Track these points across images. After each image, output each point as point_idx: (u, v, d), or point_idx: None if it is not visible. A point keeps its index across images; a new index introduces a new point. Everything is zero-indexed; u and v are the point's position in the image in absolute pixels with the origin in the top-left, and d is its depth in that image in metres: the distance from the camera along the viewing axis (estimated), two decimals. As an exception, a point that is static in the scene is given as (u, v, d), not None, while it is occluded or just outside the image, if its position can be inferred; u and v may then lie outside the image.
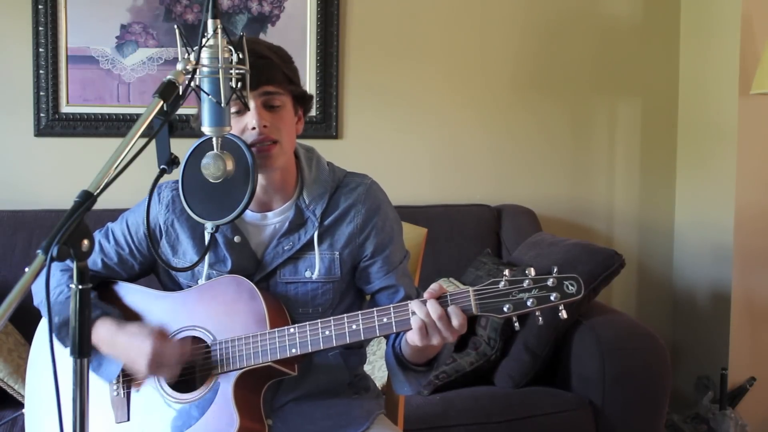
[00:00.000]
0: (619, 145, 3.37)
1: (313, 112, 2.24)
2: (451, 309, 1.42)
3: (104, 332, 1.56)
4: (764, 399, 3.12)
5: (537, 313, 1.42)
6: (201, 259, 1.51)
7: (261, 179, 1.55)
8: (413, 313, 1.44)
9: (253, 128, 1.51)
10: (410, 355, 1.53)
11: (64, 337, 1.57)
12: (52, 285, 1.63)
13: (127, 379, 1.63)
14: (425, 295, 1.45)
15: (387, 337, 1.60)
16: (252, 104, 1.52)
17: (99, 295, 1.67)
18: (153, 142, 1.22)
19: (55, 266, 1.64)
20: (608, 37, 3.33)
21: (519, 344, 2.51)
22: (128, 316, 1.64)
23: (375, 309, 1.48)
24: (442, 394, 2.43)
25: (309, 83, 3.00)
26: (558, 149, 3.30)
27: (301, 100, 1.63)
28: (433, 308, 1.42)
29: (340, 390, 1.68)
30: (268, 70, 1.53)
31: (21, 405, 2.02)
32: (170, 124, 1.25)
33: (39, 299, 1.68)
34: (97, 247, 1.66)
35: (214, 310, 1.57)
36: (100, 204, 1.14)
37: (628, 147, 3.38)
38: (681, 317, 3.38)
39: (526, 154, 3.28)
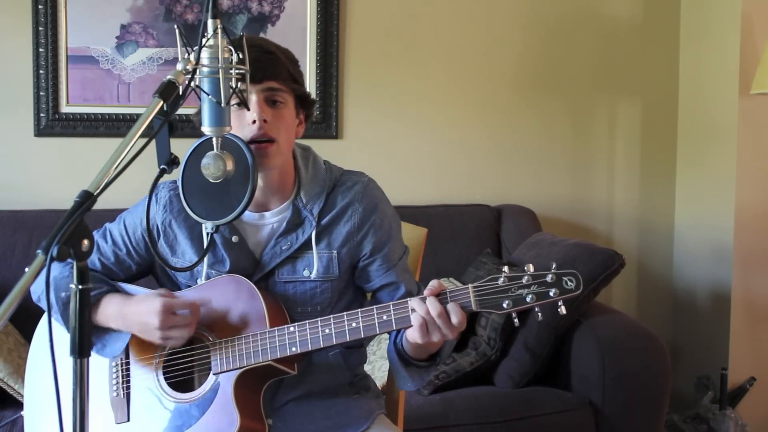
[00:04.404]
0: (619, 145, 3.37)
1: (314, 114, 2.24)
2: (450, 306, 1.42)
3: (112, 306, 1.57)
4: (764, 399, 3.12)
5: (536, 309, 1.42)
6: (201, 259, 1.51)
7: (259, 180, 1.55)
8: (413, 310, 1.44)
9: (254, 122, 1.51)
10: (412, 351, 1.53)
11: (68, 317, 1.57)
12: (54, 272, 1.63)
13: (127, 377, 1.63)
14: (425, 292, 1.45)
15: (389, 333, 1.60)
16: (254, 98, 1.52)
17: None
18: (153, 142, 1.22)
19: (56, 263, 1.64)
20: (609, 38, 3.33)
21: (519, 344, 2.51)
22: None
23: (375, 306, 1.48)
24: (442, 394, 2.43)
25: (309, 83, 3.00)
26: (558, 149, 3.31)
27: (304, 101, 1.64)
28: (433, 305, 1.42)
29: (341, 390, 1.68)
30: (272, 65, 1.53)
31: (21, 405, 2.02)
32: (170, 124, 1.24)
33: (38, 295, 1.68)
34: (94, 247, 1.65)
35: (213, 309, 1.57)
36: (100, 204, 1.14)
37: (628, 147, 3.38)
38: (681, 317, 3.38)
39: (526, 154, 3.28)
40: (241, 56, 1.28)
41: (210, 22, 1.26)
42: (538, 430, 2.42)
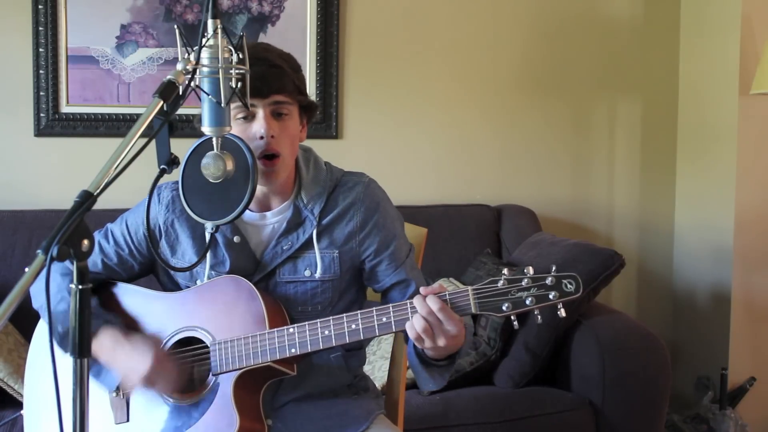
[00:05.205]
0: (619, 145, 3.37)
1: (315, 117, 2.25)
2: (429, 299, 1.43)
3: (106, 342, 1.56)
4: (764, 399, 3.12)
5: (536, 312, 1.42)
6: (201, 259, 1.51)
7: (260, 184, 1.56)
8: (413, 309, 1.44)
9: (261, 137, 1.52)
10: (431, 352, 1.53)
11: (66, 347, 1.57)
12: (52, 290, 1.63)
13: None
14: (422, 291, 1.45)
15: (406, 337, 1.59)
16: (260, 112, 1.52)
17: (99, 297, 1.67)
18: (153, 142, 1.22)
19: (55, 269, 1.64)
20: (609, 38, 3.33)
21: (519, 344, 2.51)
22: (128, 317, 1.64)
23: (374, 308, 1.48)
24: (442, 394, 2.42)
25: (309, 83, 3.00)
26: (558, 149, 3.30)
27: (308, 109, 1.64)
28: (432, 301, 1.42)
29: (340, 390, 1.68)
30: (279, 79, 1.54)
31: (21, 405, 2.02)
32: (170, 124, 1.24)
33: (39, 303, 1.68)
34: (96, 247, 1.66)
35: (213, 310, 1.57)
36: (100, 204, 1.14)
37: (628, 147, 3.38)
38: (681, 317, 3.38)
39: (526, 154, 3.28)
40: (241, 56, 1.28)
41: (210, 22, 1.26)
42: (538, 430, 2.42)
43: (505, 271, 1.43)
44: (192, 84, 1.24)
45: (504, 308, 1.42)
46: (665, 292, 3.44)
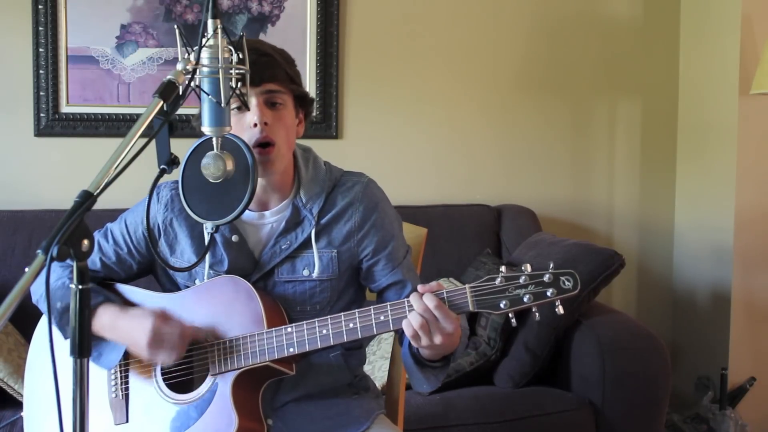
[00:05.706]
0: (619, 145, 3.37)
1: (313, 112, 2.25)
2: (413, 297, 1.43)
3: (107, 317, 1.57)
4: (764, 399, 3.12)
5: (534, 309, 1.42)
6: (201, 260, 1.51)
7: (259, 178, 1.55)
8: (411, 308, 1.44)
9: (255, 125, 1.52)
10: (426, 353, 1.53)
11: (65, 325, 1.57)
12: (52, 278, 1.63)
13: (126, 379, 1.63)
14: (420, 289, 1.45)
15: (401, 339, 1.59)
16: (254, 101, 1.52)
17: None
18: (153, 142, 1.22)
19: (55, 263, 1.64)
20: (609, 38, 3.33)
21: (519, 344, 2.51)
22: None
23: (372, 307, 1.48)
24: (442, 394, 2.43)
25: (309, 83, 3.00)
26: (558, 149, 3.30)
27: (303, 101, 1.64)
28: (430, 299, 1.42)
29: (340, 390, 1.68)
30: (270, 67, 1.54)
31: (21, 405, 2.02)
32: (170, 124, 1.24)
33: (38, 296, 1.68)
34: (95, 246, 1.66)
35: (211, 310, 1.57)
36: (100, 204, 1.14)
37: (628, 147, 3.38)
38: (681, 317, 3.38)
39: (527, 154, 3.28)
40: (241, 56, 1.28)
41: (210, 22, 1.26)
42: (538, 430, 2.42)
43: (503, 268, 1.43)
44: (192, 84, 1.24)
45: (502, 306, 1.41)
46: (665, 292, 3.44)
